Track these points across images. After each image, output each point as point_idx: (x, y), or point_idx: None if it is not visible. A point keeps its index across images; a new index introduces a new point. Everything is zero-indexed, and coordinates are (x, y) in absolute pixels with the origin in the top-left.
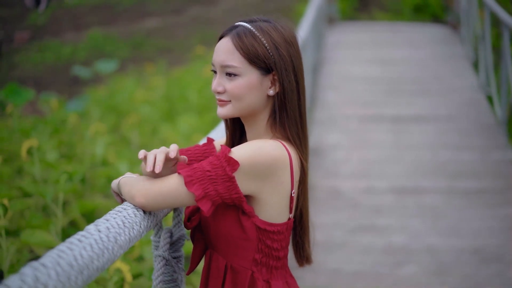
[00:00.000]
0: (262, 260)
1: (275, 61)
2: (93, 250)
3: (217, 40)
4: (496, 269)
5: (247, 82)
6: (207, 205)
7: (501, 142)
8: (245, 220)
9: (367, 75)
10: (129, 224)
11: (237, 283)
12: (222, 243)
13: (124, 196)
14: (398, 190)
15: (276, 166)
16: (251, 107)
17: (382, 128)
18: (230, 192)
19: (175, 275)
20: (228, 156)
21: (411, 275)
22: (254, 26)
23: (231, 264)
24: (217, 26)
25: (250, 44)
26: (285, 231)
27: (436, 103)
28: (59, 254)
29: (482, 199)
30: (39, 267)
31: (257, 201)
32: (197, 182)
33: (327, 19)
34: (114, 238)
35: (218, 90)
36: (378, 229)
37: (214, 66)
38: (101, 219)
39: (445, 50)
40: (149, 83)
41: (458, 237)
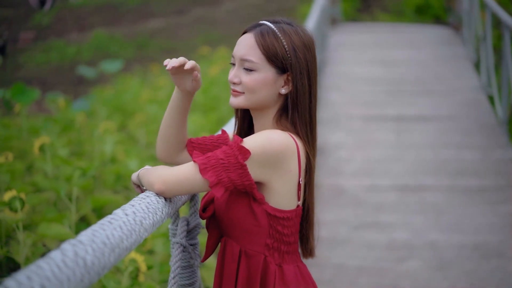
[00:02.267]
0: (274, 245)
1: (292, 62)
2: (123, 231)
3: (240, 35)
4: (496, 265)
5: (262, 78)
6: (221, 191)
7: (502, 142)
8: (256, 207)
9: (370, 75)
10: (152, 209)
11: (251, 267)
12: (236, 230)
13: (144, 185)
14: (401, 188)
15: (285, 155)
16: (262, 102)
17: (385, 127)
18: (242, 179)
19: (192, 261)
20: (240, 145)
21: (413, 270)
22: (277, 27)
23: (245, 250)
24: (220, 26)
25: (271, 44)
26: (294, 217)
27: (438, 103)
28: (93, 233)
29: (483, 197)
30: (77, 244)
31: (267, 189)
32: (211, 169)
33: (330, 20)
34: (140, 222)
35: (234, 81)
36: (381, 225)
37: (234, 59)
38: (127, 205)
39: (447, 51)
40: (154, 83)
41: (459, 233)
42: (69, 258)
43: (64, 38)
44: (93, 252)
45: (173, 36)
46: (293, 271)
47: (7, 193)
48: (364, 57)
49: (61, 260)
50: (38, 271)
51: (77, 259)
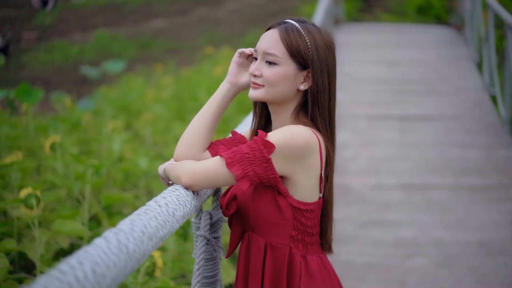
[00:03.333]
0: (298, 236)
1: (313, 60)
2: (158, 221)
3: (264, 30)
4: (501, 261)
5: (283, 72)
6: (246, 184)
7: (505, 141)
8: (281, 200)
9: (374, 75)
10: (182, 201)
11: (277, 259)
12: (261, 224)
13: (171, 178)
14: (406, 186)
15: (308, 148)
16: (280, 96)
17: (390, 127)
18: (267, 173)
19: (214, 254)
20: (265, 139)
21: (420, 267)
22: (301, 25)
23: (270, 243)
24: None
25: (295, 40)
26: (317, 209)
27: (442, 103)
28: (131, 222)
29: (487, 195)
30: (118, 232)
31: (291, 182)
32: (237, 163)
33: (333, 20)
34: (172, 213)
35: (255, 73)
36: (387, 223)
37: (257, 53)
38: (158, 197)
39: (450, 51)
40: (158, 82)
41: (464, 230)
42: (113, 245)
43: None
44: (133, 240)
45: (176, 36)
46: (317, 262)
47: (22, 190)
48: (368, 57)
49: (106, 246)
50: (88, 256)
51: (121, 246)
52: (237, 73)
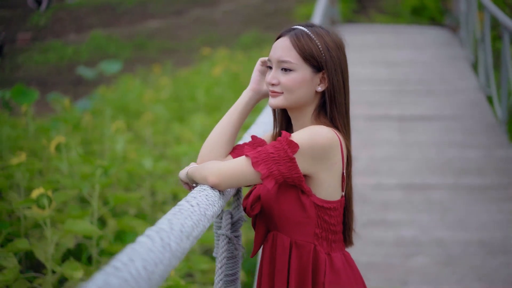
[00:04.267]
0: (322, 234)
1: (326, 61)
2: (193, 221)
3: (274, 40)
4: (502, 261)
5: (300, 77)
6: (271, 183)
7: (503, 141)
8: (304, 198)
9: (372, 76)
10: (211, 201)
11: (302, 257)
12: (286, 222)
13: (197, 179)
14: (406, 186)
15: (330, 148)
16: (299, 100)
17: (389, 127)
18: (291, 172)
19: (235, 252)
20: (289, 139)
21: (421, 266)
22: (310, 30)
23: (295, 241)
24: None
25: (306, 44)
26: (340, 207)
27: (440, 103)
28: (169, 221)
29: (487, 195)
30: (160, 231)
31: (314, 181)
32: (262, 162)
33: (330, 21)
34: (204, 212)
35: (273, 82)
36: (388, 223)
37: (271, 62)
38: (188, 197)
39: (446, 52)
40: (156, 83)
41: (465, 230)
42: (158, 243)
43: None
44: (174, 238)
45: (171, 36)
46: (341, 259)
47: (34, 190)
48: (366, 58)
49: (152, 245)
50: (136, 254)
51: (164, 244)
52: (259, 80)
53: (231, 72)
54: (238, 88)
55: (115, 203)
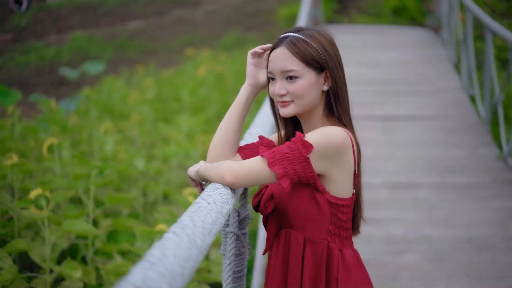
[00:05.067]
0: (335, 231)
1: (327, 60)
2: (212, 218)
3: (269, 53)
4: (490, 257)
5: (307, 82)
6: (287, 182)
7: (486, 140)
8: (319, 196)
9: (356, 76)
10: (225, 199)
11: (316, 253)
12: (300, 220)
13: (212, 178)
14: (393, 185)
15: (343, 147)
16: (310, 104)
17: (374, 127)
18: (305, 171)
19: (242, 250)
20: (303, 140)
21: (411, 263)
22: (302, 34)
23: (309, 238)
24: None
25: (305, 49)
26: (351, 204)
27: (424, 103)
28: (191, 218)
29: (472, 193)
30: (184, 227)
31: (327, 179)
32: (278, 162)
33: (313, 22)
34: (220, 209)
35: (281, 93)
36: (377, 221)
37: (272, 74)
38: (203, 195)
39: (429, 52)
40: (140, 84)
41: (452, 227)
42: (184, 239)
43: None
44: (199, 234)
45: (153, 37)
46: (351, 255)
47: (32, 191)
48: (349, 58)
49: (180, 241)
50: (166, 249)
51: (190, 240)
52: (255, 74)
53: (215, 73)
54: (223, 88)
55: (110, 203)
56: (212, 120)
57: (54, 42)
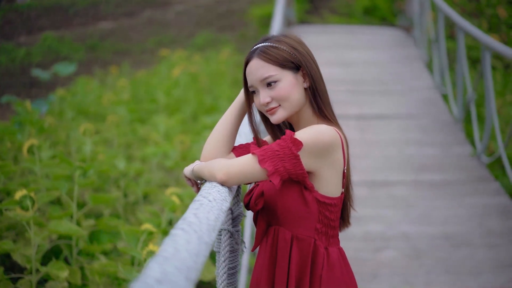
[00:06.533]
0: (322, 229)
1: (299, 58)
2: (214, 214)
3: (243, 67)
4: (467, 253)
5: (287, 83)
6: (277, 179)
7: (460, 138)
8: (307, 194)
9: (329, 76)
10: (223, 196)
11: (302, 250)
12: (288, 217)
13: (206, 176)
14: (369, 183)
15: (333, 146)
16: (296, 104)
17: (348, 126)
18: (295, 169)
19: (236, 246)
20: (293, 137)
21: (390, 259)
22: (270, 41)
23: (296, 235)
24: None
25: (276, 53)
26: (339, 203)
27: (397, 102)
28: (195, 215)
29: (447, 190)
30: (191, 224)
31: (316, 177)
32: (268, 160)
33: (286, 22)
34: (220, 206)
35: (267, 101)
36: (354, 219)
37: (253, 86)
38: (203, 192)
39: (401, 52)
40: (114, 85)
41: (429, 224)
42: (193, 235)
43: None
44: (205, 231)
45: (124, 38)
46: (337, 253)
47: (17, 192)
48: (322, 58)
49: (189, 237)
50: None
51: (198, 236)
52: None
53: (189, 73)
54: (197, 89)
55: (93, 204)
56: (188, 121)
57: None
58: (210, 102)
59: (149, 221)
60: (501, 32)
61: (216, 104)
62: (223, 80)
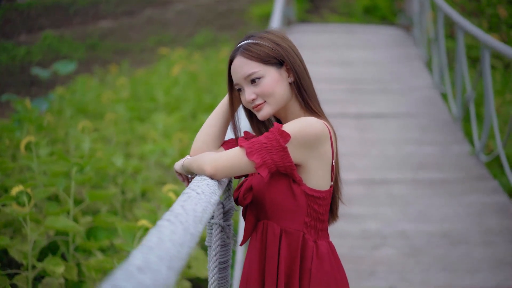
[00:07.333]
0: (311, 223)
1: (282, 53)
2: (202, 207)
3: (227, 67)
4: (464, 250)
5: (271, 79)
6: (265, 171)
7: (458, 137)
8: (295, 187)
9: (329, 75)
10: (212, 189)
11: (291, 244)
12: (277, 211)
13: (194, 170)
14: (367, 181)
15: (321, 138)
16: (282, 99)
17: (347, 125)
18: (283, 161)
19: (227, 241)
20: (281, 130)
21: (387, 257)
22: (253, 38)
23: (285, 229)
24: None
25: (258, 50)
26: (328, 197)
27: (396, 101)
28: (182, 206)
29: (445, 188)
30: (178, 215)
31: (305, 170)
32: (256, 152)
33: (286, 21)
34: (209, 199)
35: (252, 98)
36: (352, 216)
37: (239, 84)
38: (192, 185)
39: (400, 51)
40: (113, 83)
41: (427, 222)
42: (179, 226)
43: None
44: (192, 222)
45: (124, 37)
46: (326, 247)
47: (14, 188)
48: (322, 57)
49: (174, 227)
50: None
51: (184, 228)
52: None
53: (189, 72)
54: (197, 87)
55: (90, 200)
56: (187, 119)
57: (24, 42)
58: (209, 101)
59: (145, 218)
60: (501, 32)
61: (215, 102)
62: (222, 79)
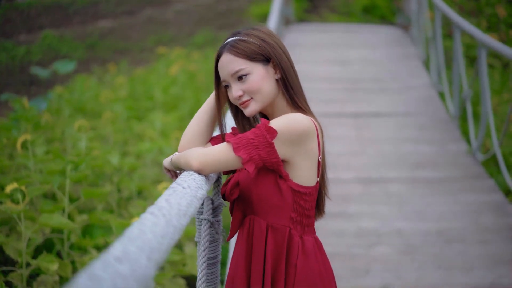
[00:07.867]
0: (297, 218)
1: (268, 50)
2: (187, 200)
3: (214, 63)
4: (460, 249)
5: (258, 75)
6: (252, 167)
7: (456, 135)
8: (282, 183)
9: (327, 74)
10: (199, 184)
11: (277, 239)
12: (263, 206)
13: (182, 165)
14: (364, 180)
15: (307, 134)
16: (268, 96)
17: (345, 124)
18: (270, 156)
19: (217, 236)
20: (268, 125)
21: (383, 255)
22: (239, 35)
23: (271, 224)
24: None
25: (245, 47)
26: (314, 192)
27: (394, 100)
28: (167, 200)
29: (442, 187)
30: (161, 208)
31: (291, 166)
32: (243, 148)
33: (285, 21)
34: (195, 194)
35: (239, 94)
36: (348, 215)
37: (226, 81)
38: (179, 180)
39: (399, 50)
40: (112, 83)
41: (423, 221)
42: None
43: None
44: (175, 215)
45: (124, 36)
46: (312, 242)
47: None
48: (320, 57)
49: (157, 220)
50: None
51: (167, 220)
52: None
53: (187, 71)
54: (195, 87)
55: (85, 198)
56: (185, 118)
57: (24, 41)
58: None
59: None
60: (500, 31)
61: None
62: None
